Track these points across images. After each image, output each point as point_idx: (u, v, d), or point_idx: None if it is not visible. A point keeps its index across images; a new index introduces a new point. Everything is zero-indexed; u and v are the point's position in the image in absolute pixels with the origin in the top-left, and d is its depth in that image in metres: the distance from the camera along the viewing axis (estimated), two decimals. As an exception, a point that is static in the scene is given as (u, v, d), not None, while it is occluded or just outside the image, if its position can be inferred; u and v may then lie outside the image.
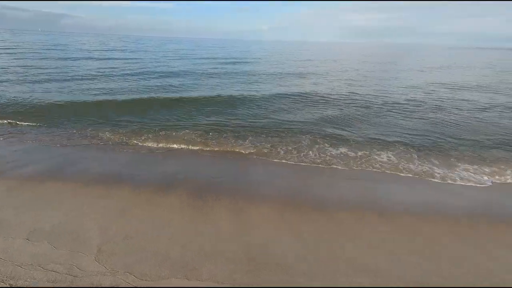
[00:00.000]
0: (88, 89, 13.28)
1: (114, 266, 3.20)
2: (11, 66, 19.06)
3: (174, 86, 14.93)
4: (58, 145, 7.16)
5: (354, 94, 14.46)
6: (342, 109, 11.57)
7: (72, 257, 3.31)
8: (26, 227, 3.82)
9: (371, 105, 12.45)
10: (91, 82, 15.14)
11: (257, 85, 16.60)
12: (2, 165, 5.83)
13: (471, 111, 11.90)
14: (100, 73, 17.87)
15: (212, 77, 18.86)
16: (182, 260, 3.35)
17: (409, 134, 8.77)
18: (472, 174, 6.20)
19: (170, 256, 3.41)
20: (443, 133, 8.92)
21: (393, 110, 11.63)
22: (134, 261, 3.29)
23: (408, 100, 13.62)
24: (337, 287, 3.08)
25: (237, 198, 4.87)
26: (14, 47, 36.18)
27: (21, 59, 23.49)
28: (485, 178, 6.09)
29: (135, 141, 7.55)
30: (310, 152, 7.15)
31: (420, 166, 6.54)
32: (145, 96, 12.32)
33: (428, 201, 5.13)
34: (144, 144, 7.40)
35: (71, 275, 3.04)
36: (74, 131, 8.15)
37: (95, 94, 12.31)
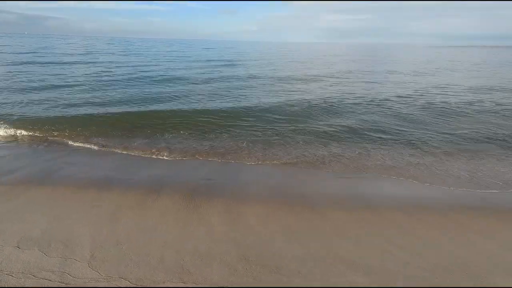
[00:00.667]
0: (76, 96, 13.00)
1: (108, 272, 3.15)
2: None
3: (161, 93, 14.78)
4: (47, 150, 7.02)
5: (343, 93, 14.57)
6: (334, 109, 11.63)
7: (64, 264, 3.24)
8: (16, 234, 3.73)
9: (361, 102, 12.58)
10: (79, 88, 14.77)
11: (246, 87, 16.60)
12: (-11, 171, 5.70)
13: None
14: (88, 79, 17.44)
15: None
16: (177, 264, 3.31)
17: (401, 131, 8.87)
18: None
19: (165, 259, 3.37)
20: (437, 131, 9.05)
21: (384, 107, 11.75)
22: (128, 266, 3.24)
23: (399, 97, 13.79)
24: (334, 287, 3.09)
25: (230, 199, 4.86)
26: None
27: (6, 65, 22.91)
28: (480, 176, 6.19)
29: (126, 145, 7.44)
30: (303, 152, 7.17)
31: (411, 165, 6.61)
32: (135, 105, 12.12)
33: (419, 199, 5.20)
34: (135, 149, 7.29)
35: (63, 283, 2.98)
36: (64, 136, 8.01)
37: (83, 101, 11.99)
